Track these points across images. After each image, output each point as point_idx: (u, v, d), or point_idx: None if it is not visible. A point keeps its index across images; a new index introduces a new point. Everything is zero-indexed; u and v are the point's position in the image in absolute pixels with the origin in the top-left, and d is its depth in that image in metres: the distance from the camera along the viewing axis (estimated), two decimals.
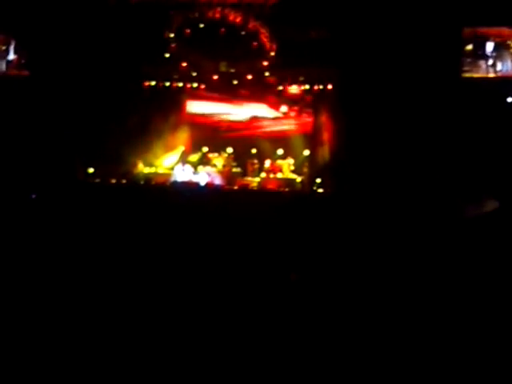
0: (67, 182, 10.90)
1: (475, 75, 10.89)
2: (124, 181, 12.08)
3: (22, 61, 12.15)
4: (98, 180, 12.01)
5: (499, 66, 10.70)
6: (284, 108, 13.07)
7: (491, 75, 10.80)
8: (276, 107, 13.12)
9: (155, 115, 12.63)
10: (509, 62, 10.58)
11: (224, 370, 4.19)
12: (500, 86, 10.60)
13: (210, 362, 4.30)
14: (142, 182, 12.12)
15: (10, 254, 6.12)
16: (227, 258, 6.77)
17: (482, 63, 10.88)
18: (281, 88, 12.98)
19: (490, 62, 10.82)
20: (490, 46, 10.73)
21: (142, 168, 12.42)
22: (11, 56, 12.18)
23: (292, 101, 13.00)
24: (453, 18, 10.22)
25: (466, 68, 10.90)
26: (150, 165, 12.58)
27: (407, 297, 5.62)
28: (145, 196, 10.94)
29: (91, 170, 12.07)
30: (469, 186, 4.47)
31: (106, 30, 11.74)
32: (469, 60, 10.87)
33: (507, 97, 10.52)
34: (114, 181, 12.04)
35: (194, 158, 12.85)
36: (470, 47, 10.82)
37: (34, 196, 9.74)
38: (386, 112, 10.77)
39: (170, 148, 12.88)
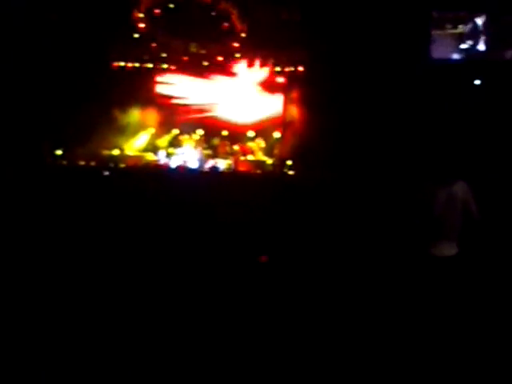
0: (35, 164, 10.71)
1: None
2: (93, 163, 11.93)
3: None
4: (65, 162, 11.85)
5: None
6: (255, 90, 13.02)
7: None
8: (247, 89, 13.07)
9: (124, 96, 12.46)
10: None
11: (194, 350, 4.22)
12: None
13: (182, 341, 4.33)
14: (111, 164, 11.98)
15: None
16: (198, 241, 6.78)
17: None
18: (251, 69, 12.92)
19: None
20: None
21: (112, 150, 12.30)
22: None
23: (263, 83, 12.96)
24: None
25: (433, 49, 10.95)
26: (120, 146, 12.46)
27: (376, 275, 5.72)
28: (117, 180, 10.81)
29: (59, 152, 11.89)
30: (438, 168, 4.52)
31: (74, 10, 11.51)
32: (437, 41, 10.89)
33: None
34: (82, 163, 11.89)
35: (164, 140, 12.78)
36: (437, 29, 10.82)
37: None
38: (357, 94, 10.82)
39: (139, 129, 12.77)
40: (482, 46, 10.29)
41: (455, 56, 10.77)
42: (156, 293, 5.24)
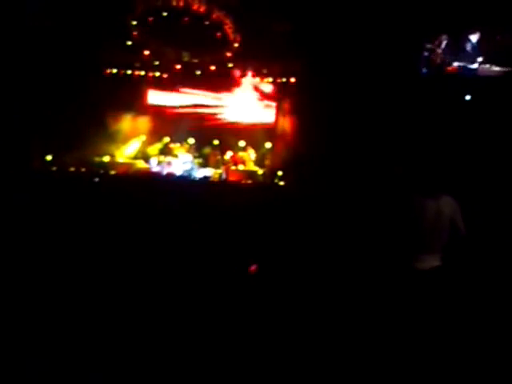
0: (24, 170, 10.63)
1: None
2: (83, 169, 11.87)
3: None
4: (55, 168, 11.78)
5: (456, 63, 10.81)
6: (247, 100, 13.05)
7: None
8: (238, 99, 13.09)
9: (116, 103, 12.44)
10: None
11: (182, 362, 4.20)
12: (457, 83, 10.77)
13: (170, 352, 4.31)
14: (101, 171, 11.92)
15: None
16: (187, 250, 6.75)
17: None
18: (244, 80, 12.95)
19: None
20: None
21: (103, 157, 12.26)
22: None
23: (255, 93, 12.99)
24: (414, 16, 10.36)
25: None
26: (110, 153, 12.42)
27: (366, 286, 5.73)
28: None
29: (49, 158, 11.83)
30: (426, 181, 4.54)
31: (67, 16, 11.49)
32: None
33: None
34: (72, 169, 11.83)
35: (155, 148, 12.77)
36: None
37: None
38: (349, 105, 10.85)
39: (130, 137, 12.74)
40: (475, 63, 10.36)
41: (447, 71, 10.84)
42: (145, 301, 5.22)
